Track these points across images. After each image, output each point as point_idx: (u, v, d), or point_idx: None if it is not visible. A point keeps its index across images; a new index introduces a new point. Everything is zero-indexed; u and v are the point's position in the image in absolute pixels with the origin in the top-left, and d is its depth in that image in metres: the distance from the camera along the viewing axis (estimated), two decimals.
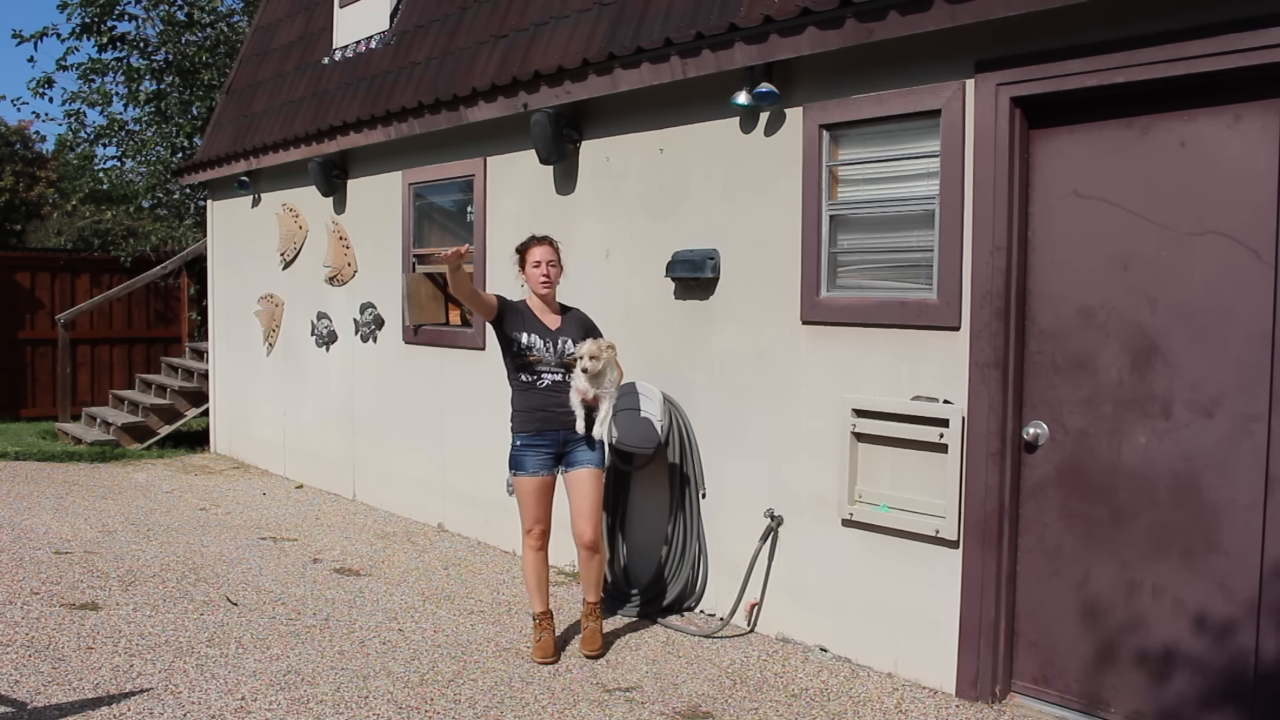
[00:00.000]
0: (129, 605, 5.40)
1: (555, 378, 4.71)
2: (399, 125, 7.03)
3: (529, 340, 4.70)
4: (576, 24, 6.11)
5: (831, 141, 4.76)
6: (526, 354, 4.69)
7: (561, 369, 4.72)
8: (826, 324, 4.79)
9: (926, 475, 4.44)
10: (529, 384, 4.72)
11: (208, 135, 10.71)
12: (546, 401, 4.70)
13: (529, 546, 4.80)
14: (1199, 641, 3.76)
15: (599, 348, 4.61)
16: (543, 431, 4.71)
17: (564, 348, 4.73)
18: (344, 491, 8.36)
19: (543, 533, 4.78)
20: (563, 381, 4.71)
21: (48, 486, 8.62)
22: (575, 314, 4.92)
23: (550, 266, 4.75)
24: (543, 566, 4.82)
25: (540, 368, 4.70)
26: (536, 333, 4.72)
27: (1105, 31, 3.78)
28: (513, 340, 4.71)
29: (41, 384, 13.22)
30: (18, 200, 18.74)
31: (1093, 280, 4.01)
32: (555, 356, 4.72)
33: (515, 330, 4.71)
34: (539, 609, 4.80)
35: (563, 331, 4.78)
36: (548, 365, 4.70)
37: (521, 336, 4.70)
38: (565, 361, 4.72)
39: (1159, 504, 3.86)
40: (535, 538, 4.78)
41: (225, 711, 4.09)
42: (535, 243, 4.80)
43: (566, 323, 4.83)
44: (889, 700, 4.31)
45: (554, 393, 4.70)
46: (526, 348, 4.69)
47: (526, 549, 4.81)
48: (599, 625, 4.85)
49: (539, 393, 4.71)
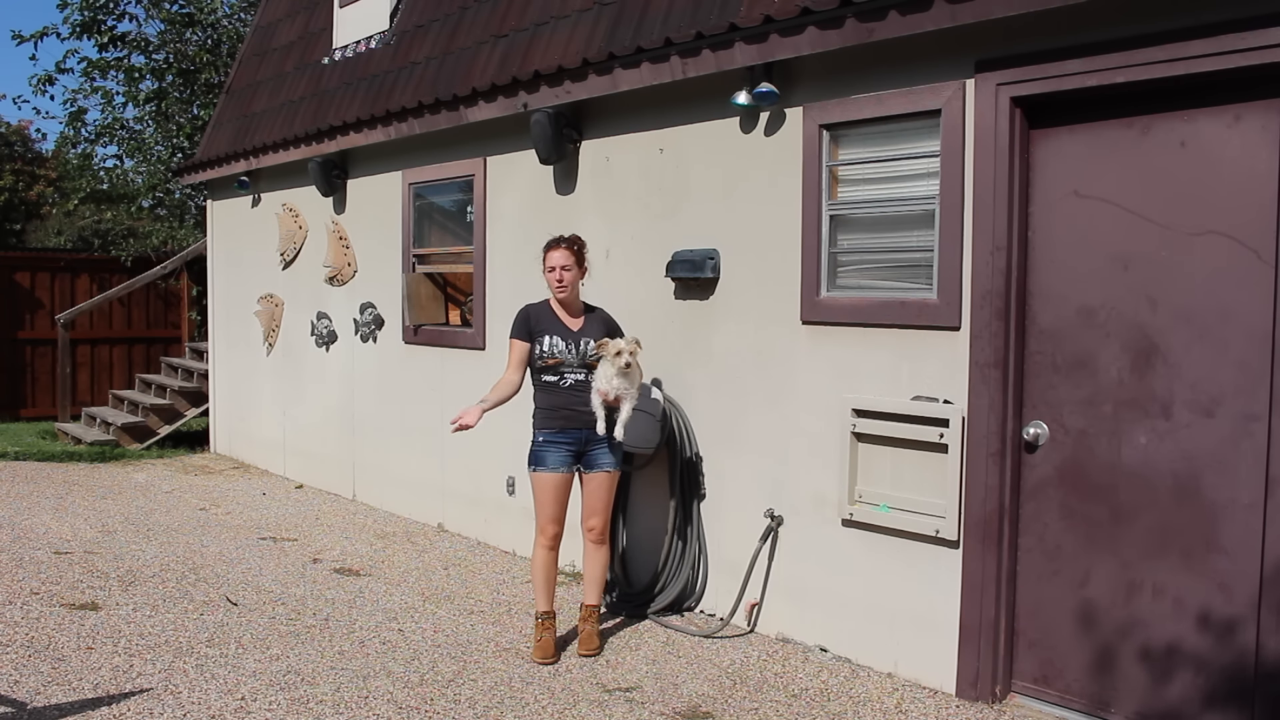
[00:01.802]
0: (129, 605, 5.40)
1: (578, 377, 4.74)
2: (399, 125, 7.03)
3: (550, 344, 4.74)
4: (576, 24, 6.11)
5: (831, 141, 4.76)
6: (547, 359, 4.73)
7: (584, 369, 4.74)
8: (827, 324, 4.78)
9: (926, 475, 4.44)
10: (552, 384, 4.75)
11: (208, 135, 10.71)
12: (570, 400, 4.73)
13: (541, 545, 4.78)
14: (1199, 641, 3.76)
15: (632, 344, 4.65)
16: (566, 429, 4.73)
17: (585, 348, 4.75)
18: (344, 491, 8.36)
19: (557, 534, 4.78)
20: (585, 381, 4.74)
21: (47, 486, 8.61)
22: (599, 314, 4.93)
23: (564, 271, 4.74)
24: (552, 566, 4.81)
25: (563, 368, 4.73)
26: (558, 334, 4.76)
27: (1105, 31, 3.78)
28: (535, 344, 4.76)
29: (41, 384, 13.21)
30: (18, 200, 18.74)
31: (1093, 280, 4.01)
32: (577, 357, 4.74)
33: (538, 335, 4.76)
34: (543, 608, 4.79)
35: (585, 332, 4.80)
36: (570, 366, 4.73)
37: (544, 340, 4.74)
38: (588, 362, 4.74)
39: (1159, 504, 3.86)
40: (549, 537, 4.77)
41: (225, 711, 4.09)
42: (553, 246, 4.81)
43: (589, 323, 4.85)
44: (889, 700, 4.30)
45: (577, 392, 4.73)
46: (547, 353, 4.73)
47: (538, 547, 4.79)
48: (596, 628, 4.85)
49: (562, 392, 4.74)
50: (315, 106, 8.60)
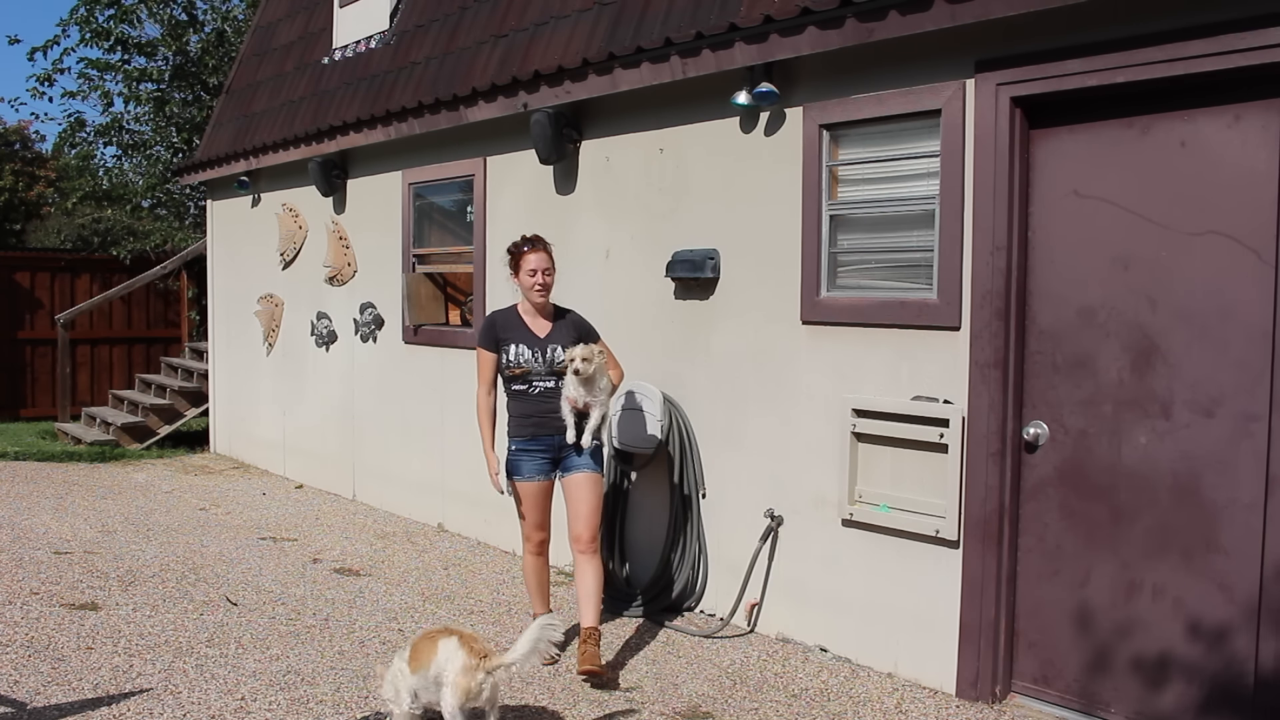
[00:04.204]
0: (129, 605, 5.40)
1: (547, 384, 4.63)
2: (399, 125, 7.03)
3: (515, 353, 4.62)
4: (576, 24, 6.11)
5: (831, 141, 4.76)
6: (513, 368, 4.63)
7: (553, 376, 4.63)
8: (826, 324, 4.78)
9: (926, 475, 4.44)
10: (521, 391, 4.66)
11: (208, 135, 10.71)
12: (539, 408, 4.63)
13: (529, 552, 4.79)
14: (1199, 642, 3.76)
15: (590, 352, 4.52)
16: (537, 436, 4.64)
17: (553, 355, 4.63)
18: (344, 491, 8.36)
19: (542, 541, 4.76)
20: (554, 388, 4.63)
21: (47, 486, 8.61)
22: (571, 318, 4.78)
23: (545, 275, 4.62)
24: (543, 570, 4.80)
25: (530, 376, 4.63)
26: (524, 343, 4.63)
27: (1105, 31, 3.78)
28: (502, 354, 4.66)
29: (41, 384, 13.20)
30: (17, 200, 18.72)
31: (1093, 280, 4.01)
32: (544, 365, 4.63)
33: (504, 344, 4.65)
34: (539, 610, 4.80)
35: (552, 338, 4.66)
36: (538, 374, 4.63)
37: (509, 349, 4.63)
38: (556, 369, 4.62)
39: (1159, 504, 3.86)
40: (535, 544, 4.76)
41: (225, 711, 4.09)
42: (530, 249, 4.64)
43: (558, 329, 4.70)
44: (889, 700, 4.30)
45: (546, 399, 4.63)
46: (512, 362, 4.63)
47: (526, 554, 4.81)
48: (598, 648, 4.45)
49: (531, 399, 4.64)
50: (315, 106, 8.60)
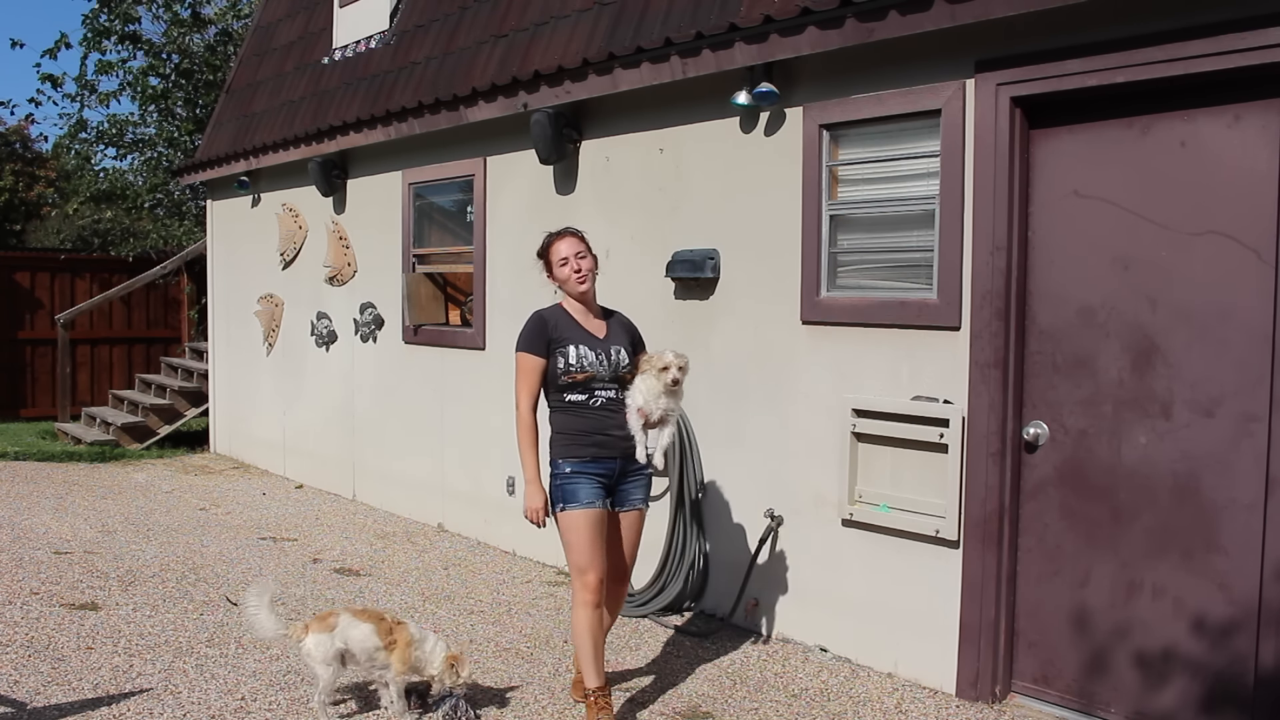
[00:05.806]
0: (129, 605, 5.40)
1: (609, 394, 3.90)
2: (399, 125, 7.03)
3: (577, 355, 3.86)
4: (576, 24, 6.11)
5: (831, 141, 4.76)
6: (574, 372, 3.86)
7: (616, 384, 3.93)
8: (826, 324, 4.78)
9: (926, 475, 4.44)
10: (579, 404, 3.88)
11: (208, 135, 10.71)
12: (603, 423, 3.88)
13: (584, 602, 3.79)
14: (1199, 642, 3.76)
15: (684, 358, 3.93)
16: (600, 459, 3.87)
17: (617, 359, 3.93)
18: (344, 491, 8.36)
19: (600, 581, 3.82)
20: (617, 399, 3.92)
21: (47, 486, 8.61)
22: (619, 318, 4.14)
23: (580, 259, 3.93)
24: (599, 627, 3.83)
25: (594, 384, 3.89)
26: (584, 344, 3.90)
27: (1105, 31, 3.78)
28: (556, 357, 3.88)
29: (41, 384, 13.20)
30: (17, 200, 18.73)
31: (1093, 280, 4.01)
32: (609, 370, 3.91)
33: (557, 344, 3.88)
34: (595, 683, 3.82)
35: (612, 339, 3.98)
36: (602, 381, 3.90)
37: (568, 351, 3.87)
38: (620, 375, 3.94)
39: (1159, 504, 3.86)
40: (592, 590, 3.78)
41: (225, 711, 4.09)
42: (557, 237, 4.00)
43: (613, 328, 4.04)
44: (889, 700, 4.30)
45: (610, 412, 3.89)
46: (574, 366, 3.86)
47: (580, 605, 3.80)
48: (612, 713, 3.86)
49: (593, 413, 3.88)
50: (315, 106, 8.60)
